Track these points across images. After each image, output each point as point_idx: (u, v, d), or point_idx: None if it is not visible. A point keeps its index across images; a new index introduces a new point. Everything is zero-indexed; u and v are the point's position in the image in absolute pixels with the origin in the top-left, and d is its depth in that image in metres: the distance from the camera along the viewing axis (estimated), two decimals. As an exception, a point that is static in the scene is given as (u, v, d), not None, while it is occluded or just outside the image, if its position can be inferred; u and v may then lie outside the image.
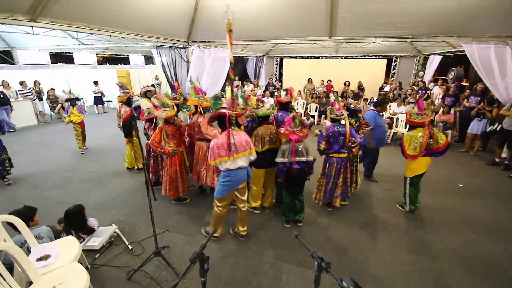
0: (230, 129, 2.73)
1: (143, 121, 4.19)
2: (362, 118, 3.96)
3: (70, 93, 6.13)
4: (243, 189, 2.98)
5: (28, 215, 2.63)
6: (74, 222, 2.96)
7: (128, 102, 4.91)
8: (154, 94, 5.17)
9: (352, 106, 3.88)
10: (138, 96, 6.11)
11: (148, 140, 3.94)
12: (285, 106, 3.90)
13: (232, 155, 2.68)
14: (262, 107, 3.46)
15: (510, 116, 5.23)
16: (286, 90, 4.09)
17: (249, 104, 3.54)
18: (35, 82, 9.13)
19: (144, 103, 4.15)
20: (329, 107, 3.73)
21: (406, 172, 3.71)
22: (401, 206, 3.94)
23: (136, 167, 5.14)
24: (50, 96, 9.51)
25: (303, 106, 9.74)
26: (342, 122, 3.49)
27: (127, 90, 4.98)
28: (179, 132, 3.74)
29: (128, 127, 4.80)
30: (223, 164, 2.72)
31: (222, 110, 2.76)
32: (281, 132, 3.14)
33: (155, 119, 4.00)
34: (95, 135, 7.38)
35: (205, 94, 4.19)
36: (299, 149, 3.06)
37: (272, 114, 3.59)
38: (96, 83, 11.14)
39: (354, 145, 3.42)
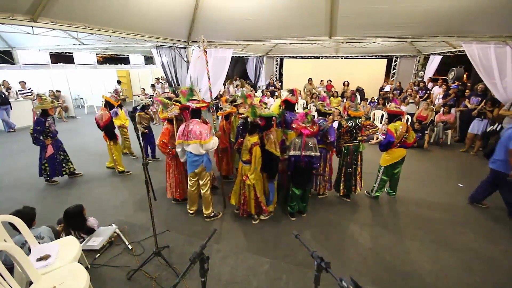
0: (194, 119, 3.20)
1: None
2: (364, 120, 3.93)
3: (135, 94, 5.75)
4: (202, 175, 3.40)
5: (30, 216, 2.63)
6: (74, 222, 2.96)
7: (110, 106, 4.87)
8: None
9: (350, 112, 3.86)
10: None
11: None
12: (292, 107, 3.95)
13: (185, 140, 3.18)
14: (265, 108, 3.46)
15: (510, 116, 5.23)
16: (291, 90, 4.09)
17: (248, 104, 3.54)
18: (3, 82, 8.43)
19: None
20: (319, 102, 3.88)
21: (381, 161, 4.05)
22: (368, 193, 4.26)
23: (118, 171, 5.04)
24: (51, 96, 9.52)
25: (303, 106, 9.74)
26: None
27: (119, 97, 4.96)
28: None
29: (111, 130, 4.79)
30: (182, 145, 3.29)
31: (188, 103, 3.19)
32: (293, 127, 3.32)
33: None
34: (96, 135, 7.37)
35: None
36: (309, 144, 3.22)
37: (274, 116, 3.61)
38: (119, 82, 11.18)
39: (328, 140, 3.69)
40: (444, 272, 2.74)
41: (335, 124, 6.82)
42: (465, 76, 9.98)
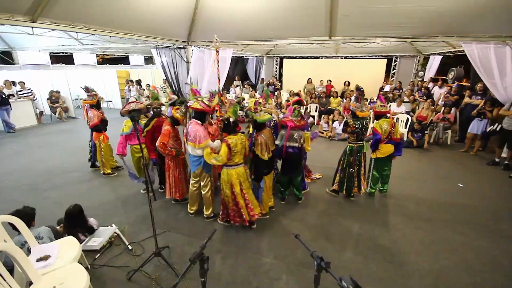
0: (193, 120, 3.21)
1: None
2: (368, 121, 3.94)
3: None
4: (202, 176, 3.41)
5: (30, 216, 2.63)
6: (76, 221, 2.96)
7: (97, 105, 4.77)
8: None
9: (356, 113, 3.84)
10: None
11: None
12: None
13: (186, 140, 3.23)
14: (260, 110, 3.36)
15: (510, 116, 5.23)
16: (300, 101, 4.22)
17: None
18: (5, 82, 8.40)
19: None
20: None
21: (371, 154, 4.07)
22: (364, 190, 4.26)
23: (103, 172, 4.97)
24: (51, 96, 9.52)
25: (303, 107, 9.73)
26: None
27: (94, 93, 4.77)
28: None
29: (104, 126, 4.77)
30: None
31: (189, 102, 3.26)
32: (281, 119, 3.57)
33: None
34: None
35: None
36: (294, 136, 3.47)
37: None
38: (139, 81, 11.01)
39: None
40: (444, 272, 2.74)
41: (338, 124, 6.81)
42: (464, 80, 9.98)
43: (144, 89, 11.04)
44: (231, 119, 3.08)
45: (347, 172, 3.98)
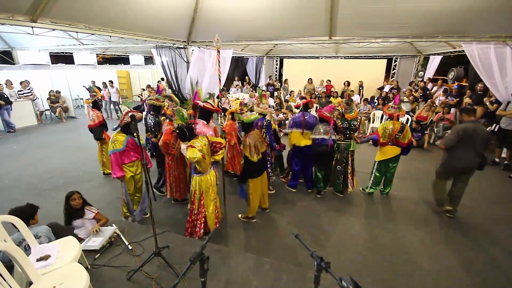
0: (201, 120, 3.26)
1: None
2: (357, 122, 3.96)
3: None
4: None
5: (29, 213, 2.63)
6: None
7: (95, 105, 4.75)
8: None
9: (345, 115, 3.98)
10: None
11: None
12: (306, 107, 4.17)
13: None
14: (246, 111, 3.33)
15: (507, 116, 5.23)
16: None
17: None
18: (6, 82, 8.38)
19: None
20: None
21: (376, 156, 4.16)
22: (363, 190, 4.37)
23: (103, 172, 4.99)
24: (51, 96, 9.52)
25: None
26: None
27: (95, 93, 4.80)
28: None
29: (100, 132, 4.72)
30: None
31: (198, 101, 3.24)
32: (323, 114, 3.79)
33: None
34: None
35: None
36: (320, 130, 3.72)
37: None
38: (162, 79, 10.88)
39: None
40: (444, 272, 2.74)
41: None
42: (464, 80, 9.97)
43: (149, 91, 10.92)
44: (179, 125, 2.86)
45: (335, 169, 4.07)
